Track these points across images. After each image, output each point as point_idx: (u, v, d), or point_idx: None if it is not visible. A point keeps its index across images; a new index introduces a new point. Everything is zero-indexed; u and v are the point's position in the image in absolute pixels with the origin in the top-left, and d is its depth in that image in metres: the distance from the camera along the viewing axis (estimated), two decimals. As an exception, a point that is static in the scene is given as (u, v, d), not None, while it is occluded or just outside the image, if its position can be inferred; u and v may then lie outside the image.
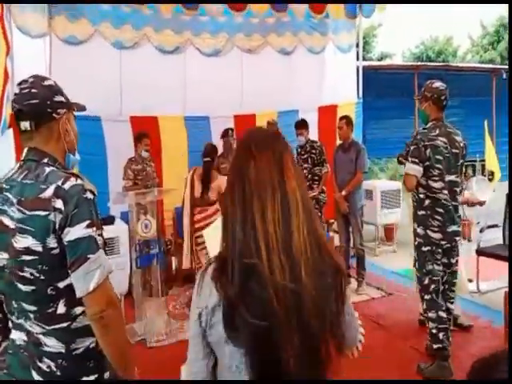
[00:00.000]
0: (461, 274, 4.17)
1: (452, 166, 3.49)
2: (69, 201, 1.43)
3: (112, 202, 4.80)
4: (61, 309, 1.47)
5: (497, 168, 6.21)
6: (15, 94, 1.55)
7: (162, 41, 6.44)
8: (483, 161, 6.36)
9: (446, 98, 3.50)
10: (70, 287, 1.45)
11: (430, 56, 23.06)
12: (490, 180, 6.08)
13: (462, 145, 3.57)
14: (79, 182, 1.48)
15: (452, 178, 3.49)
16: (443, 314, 3.50)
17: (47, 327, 1.47)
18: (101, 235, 1.50)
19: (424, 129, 3.56)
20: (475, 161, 6.87)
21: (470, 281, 5.28)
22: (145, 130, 5.76)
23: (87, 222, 1.44)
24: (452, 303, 3.69)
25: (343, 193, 5.39)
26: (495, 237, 5.18)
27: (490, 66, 16.81)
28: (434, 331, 3.50)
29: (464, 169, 7.21)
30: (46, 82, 1.57)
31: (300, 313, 1.06)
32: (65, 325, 1.48)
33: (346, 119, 5.64)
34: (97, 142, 5.84)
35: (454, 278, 3.69)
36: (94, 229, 1.46)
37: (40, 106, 1.52)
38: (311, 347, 1.08)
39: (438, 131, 3.46)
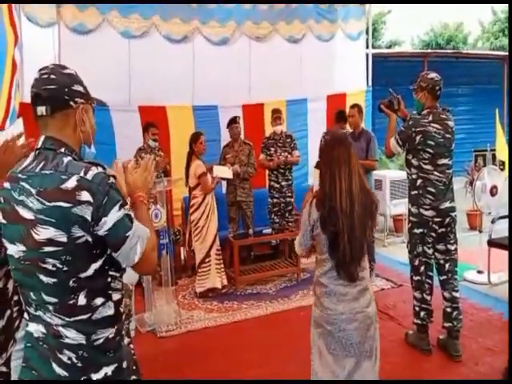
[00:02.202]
0: None
1: (445, 151, 3.60)
2: (96, 191, 1.42)
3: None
4: (81, 300, 1.46)
5: (507, 157, 6.14)
6: (35, 79, 1.52)
7: (170, 29, 6.39)
8: (494, 150, 6.27)
9: (440, 88, 3.62)
10: (92, 278, 1.45)
11: (439, 43, 22.75)
12: (501, 170, 6.01)
13: (453, 129, 3.65)
14: (100, 169, 1.47)
15: (445, 161, 3.61)
16: (428, 297, 3.74)
17: (67, 319, 1.46)
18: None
19: (419, 114, 3.66)
20: (486, 150, 6.78)
21: (481, 272, 5.26)
22: (153, 120, 5.75)
23: (118, 203, 1.46)
24: (457, 291, 3.72)
25: None
26: (507, 227, 5.12)
27: (502, 53, 16.54)
28: (417, 309, 3.79)
29: (474, 159, 7.25)
30: (66, 71, 1.56)
31: (352, 227, 2.24)
32: (85, 317, 1.47)
33: (358, 107, 5.62)
34: (106, 132, 5.84)
35: (455, 266, 3.73)
36: (125, 207, 1.49)
37: (57, 92, 1.50)
38: (355, 241, 2.26)
39: (430, 117, 3.57)
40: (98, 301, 1.49)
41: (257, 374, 3.52)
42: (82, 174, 1.42)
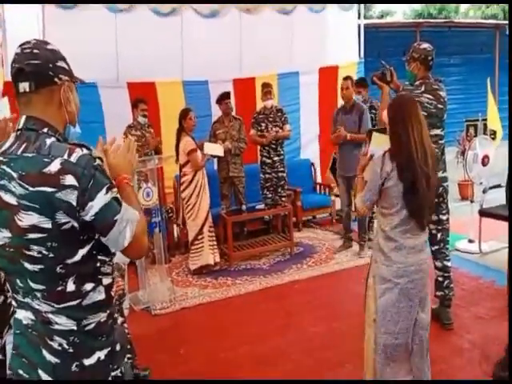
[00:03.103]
0: None
1: (437, 121, 3.60)
2: (81, 175, 1.34)
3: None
4: (70, 287, 1.41)
5: (499, 127, 6.12)
6: (16, 54, 1.44)
7: (157, 3, 6.24)
8: (485, 120, 6.25)
9: (432, 58, 3.59)
10: (80, 264, 1.41)
11: (431, 13, 22.51)
12: (493, 139, 6.00)
13: (446, 100, 3.63)
14: (86, 151, 1.40)
15: (437, 131, 3.61)
16: None
17: (57, 306, 1.42)
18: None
19: (411, 85, 3.64)
20: (477, 120, 6.76)
21: (472, 241, 5.31)
22: (142, 96, 5.67)
23: (106, 186, 1.39)
24: (449, 261, 3.77)
25: (348, 136, 5.31)
26: (498, 197, 5.15)
27: (494, 21, 16.37)
28: None
29: (466, 129, 7.23)
30: (49, 46, 1.47)
31: (427, 176, 2.41)
32: (75, 303, 1.43)
33: (351, 80, 5.57)
34: (94, 110, 5.74)
35: (447, 236, 3.77)
36: (113, 189, 1.42)
37: (41, 67, 1.42)
38: (431, 187, 2.44)
39: (423, 88, 3.55)
40: (88, 286, 1.44)
41: (253, 350, 3.55)
42: (65, 157, 1.35)
